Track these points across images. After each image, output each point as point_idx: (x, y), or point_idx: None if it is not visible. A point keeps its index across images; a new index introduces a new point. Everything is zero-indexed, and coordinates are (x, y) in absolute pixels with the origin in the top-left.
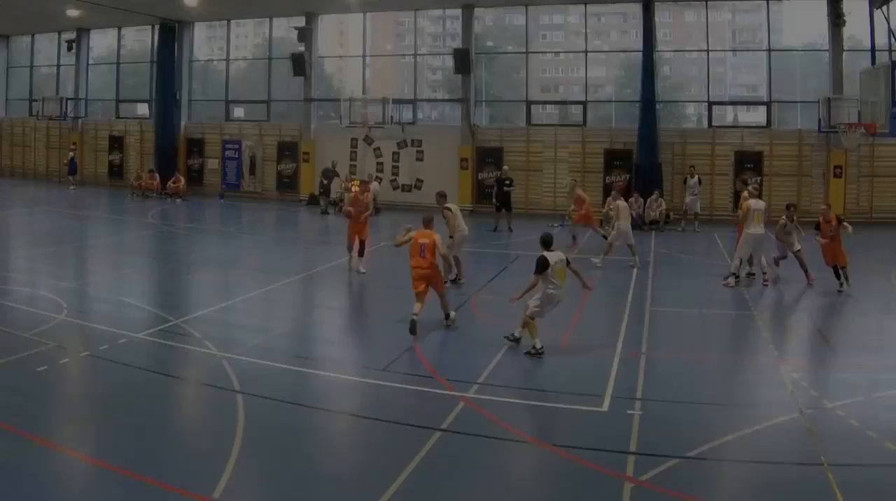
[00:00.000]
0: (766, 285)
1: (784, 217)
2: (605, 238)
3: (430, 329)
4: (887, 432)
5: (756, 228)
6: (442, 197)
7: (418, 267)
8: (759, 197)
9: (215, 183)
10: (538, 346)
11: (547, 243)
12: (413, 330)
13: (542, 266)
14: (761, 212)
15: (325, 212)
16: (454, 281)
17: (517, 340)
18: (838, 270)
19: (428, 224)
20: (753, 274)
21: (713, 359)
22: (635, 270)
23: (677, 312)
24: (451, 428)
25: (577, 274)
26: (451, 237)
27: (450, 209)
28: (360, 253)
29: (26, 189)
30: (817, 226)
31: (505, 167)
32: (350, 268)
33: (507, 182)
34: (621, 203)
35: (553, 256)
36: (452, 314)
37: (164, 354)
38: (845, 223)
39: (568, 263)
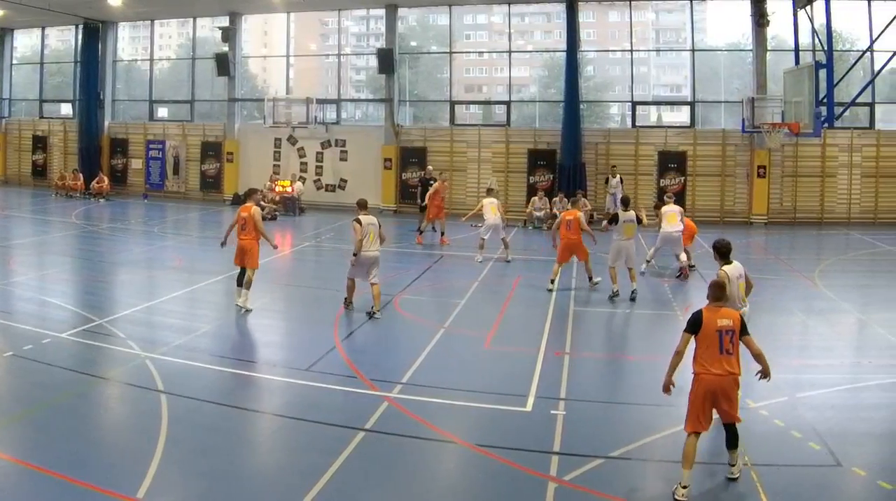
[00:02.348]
0: (683, 276)
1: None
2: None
3: (354, 328)
4: (811, 432)
5: (671, 226)
6: (360, 206)
7: (567, 239)
8: (681, 202)
9: (139, 183)
10: (615, 290)
11: (626, 203)
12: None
13: (613, 219)
14: (675, 213)
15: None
16: (347, 305)
17: (595, 283)
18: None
19: (575, 204)
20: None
21: (637, 359)
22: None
23: (601, 312)
24: (375, 428)
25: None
26: (354, 255)
27: (359, 222)
28: (246, 285)
29: None
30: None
31: (429, 167)
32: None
33: (432, 182)
34: (486, 200)
35: (624, 215)
36: (597, 279)
37: (88, 354)
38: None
39: (640, 221)
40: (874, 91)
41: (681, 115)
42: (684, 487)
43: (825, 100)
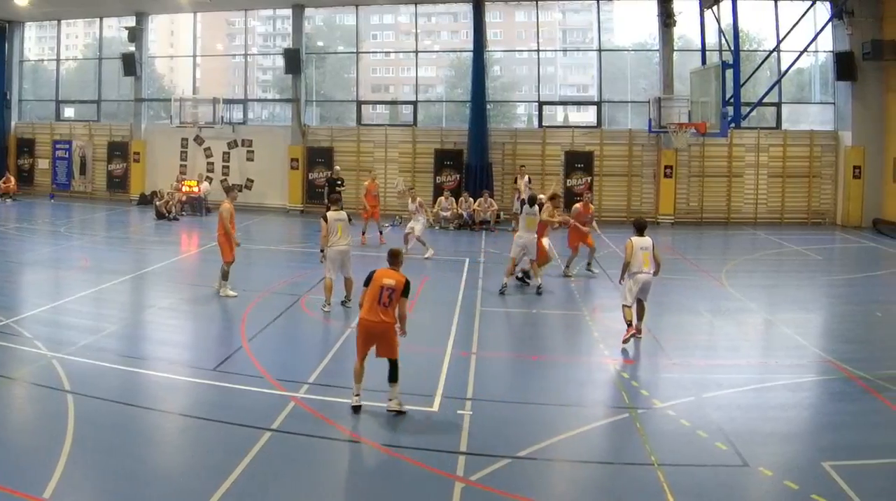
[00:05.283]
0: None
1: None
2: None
3: (261, 328)
4: (717, 432)
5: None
6: (331, 202)
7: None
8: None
9: (46, 183)
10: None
11: (535, 203)
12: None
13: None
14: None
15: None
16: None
17: (526, 281)
18: None
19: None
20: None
21: (544, 359)
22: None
23: (507, 312)
24: (282, 428)
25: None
26: (321, 251)
27: (325, 219)
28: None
29: None
30: None
31: (336, 167)
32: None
33: (339, 182)
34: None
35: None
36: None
37: None
38: None
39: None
40: (781, 91)
41: (587, 115)
42: (357, 395)
43: (732, 100)
